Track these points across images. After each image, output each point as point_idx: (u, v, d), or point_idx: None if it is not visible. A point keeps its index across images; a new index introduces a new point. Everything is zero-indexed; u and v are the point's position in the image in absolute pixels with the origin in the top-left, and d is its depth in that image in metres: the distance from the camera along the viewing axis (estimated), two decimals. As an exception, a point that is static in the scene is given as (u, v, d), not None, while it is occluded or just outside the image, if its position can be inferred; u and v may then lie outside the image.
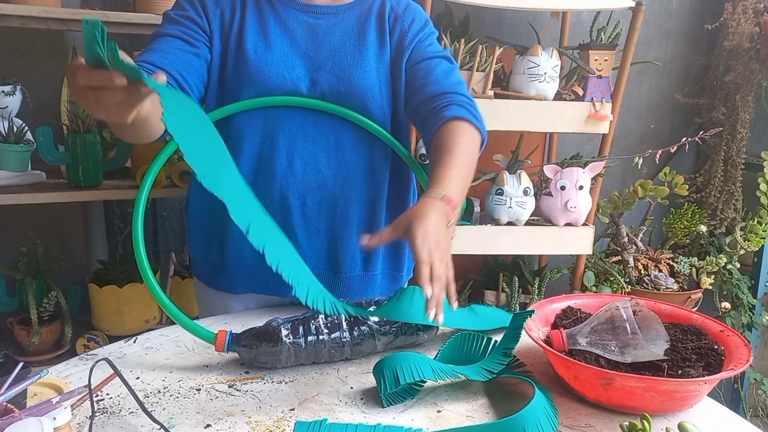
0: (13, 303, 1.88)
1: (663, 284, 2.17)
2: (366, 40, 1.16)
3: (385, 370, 0.88)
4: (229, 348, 0.96)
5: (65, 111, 1.84)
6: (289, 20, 1.15)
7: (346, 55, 1.15)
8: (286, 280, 0.83)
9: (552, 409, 0.82)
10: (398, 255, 1.26)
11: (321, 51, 1.15)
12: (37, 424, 0.66)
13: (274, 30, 1.14)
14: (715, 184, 2.44)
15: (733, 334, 0.92)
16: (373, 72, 1.16)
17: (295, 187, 1.15)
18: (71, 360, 0.98)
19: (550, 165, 1.92)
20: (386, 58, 1.18)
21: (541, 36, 1.99)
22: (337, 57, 1.15)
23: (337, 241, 1.19)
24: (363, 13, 1.19)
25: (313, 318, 0.98)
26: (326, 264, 1.20)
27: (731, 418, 0.88)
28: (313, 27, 1.16)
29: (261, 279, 1.19)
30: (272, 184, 1.15)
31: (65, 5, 1.73)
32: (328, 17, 1.17)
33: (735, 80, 2.34)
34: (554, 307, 1.03)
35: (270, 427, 0.81)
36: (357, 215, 1.18)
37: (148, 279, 0.99)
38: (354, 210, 1.18)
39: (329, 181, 1.16)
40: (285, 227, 1.16)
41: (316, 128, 1.15)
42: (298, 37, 1.15)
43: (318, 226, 1.18)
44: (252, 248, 1.17)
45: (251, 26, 1.13)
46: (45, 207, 1.81)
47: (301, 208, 1.16)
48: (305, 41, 1.15)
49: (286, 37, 1.14)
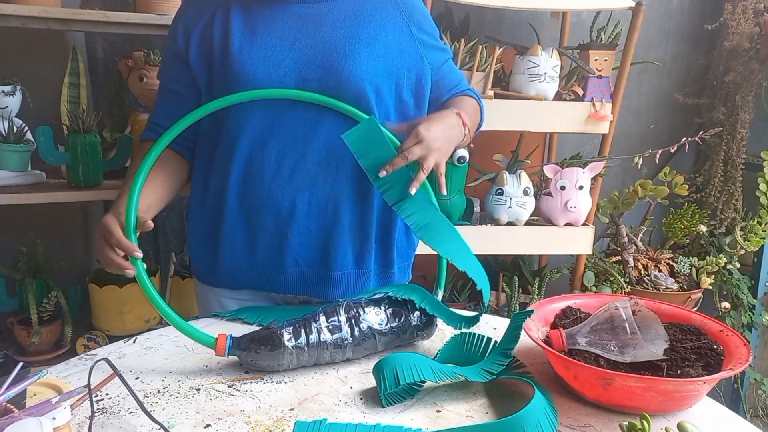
0: (13, 303, 1.88)
1: (663, 284, 2.17)
2: (359, 32, 1.14)
3: (385, 370, 0.88)
4: (230, 352, 0.95)
5: (65, 111, 1.84)
6: (276, 15, 1.13)
7: (336, 47, 1.12)
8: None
9: (552, 410, 0.82)
10: (388, 253, 1.25)
11: (310, 43, 1.12)
12: (36, 424, 0.66)
13: (260, 27, 1.13)
14: (715, 184, 2.44)
15: (733, 334, 0.92)
16: (365, 64, 1.12)
17: (284, 188, 1.15)
18: (71, 360, 0.98)
19: (550, 165, 1.92)
20: (388, 54, 1.15)
21: (541, 36, 1.99)
22: (327, 48, 1.12)
23: (328, 241, 1.18)
24: (358, 4, 1.16)
25: (314, 319, 0.97)
26: (319, 263, 1.20)
27: (731, 418, 0.88)
28: (303, 17, 1.13)
29: (255, 277, 1.20)
30: (262, 186, 1.15)
31: (65, 5, 1.72)
32: (317, 6, 1.14)
33: (735, 80, 2.34)
34: (554, 307, 1.03)
35: (270, 427, 0.81)
36: (348, 214, 1.18)
37: (147, 290, 1.00)
38: (345, 209, 1.18)
39: (319, 181, 1.15)
40: (276, 228, 1.17)
41: (306, 128, 1.13)
42: (285, 31, 1.12)
43: (309, 226, 1.17)
44: (245, 247, 1.20)
45: (237, 29, 1.13)
46: (45, 207, 1.81)
47: (291, 209, 1.16)
48: (293, 34, 1.12)
49: (273, 32, 1.12)
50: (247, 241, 1.19)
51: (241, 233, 1.19)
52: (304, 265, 1.19)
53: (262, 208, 1.16)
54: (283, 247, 1.17)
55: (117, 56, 2.03)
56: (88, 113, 1.73)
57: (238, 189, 1.16)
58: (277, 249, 1.18)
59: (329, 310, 0.99)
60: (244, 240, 1.19)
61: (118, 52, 2.05)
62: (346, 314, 0.99)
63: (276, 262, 1.18)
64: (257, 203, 1.16)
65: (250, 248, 1.19)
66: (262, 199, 1.15)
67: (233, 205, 1.17)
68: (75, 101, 1.87)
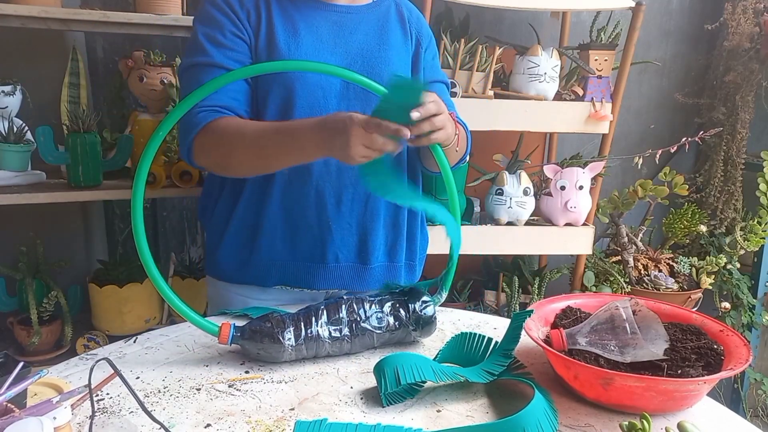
0: (13, 303, 1.88)
1: (663, 284, 2.17)
2: (389, 40, 1.20)
3: (386, 370, 0.88)
4: (233, 341, 0.96)
5: (65, 111, 1.84)
6: (314, 18, 1.16)
7: (372, 53, 1.17)
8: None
9: (552, 410, 0.82)
10: (413, 248, 1.31)
11: (349, 49, 1.16)
12: (37, 423, 0.66)
13: (302, 27, 1.14)
14: (715, 184, 2.44)
15: (733, 334, 0.92)
16: (398, 70, 1.20)
17: (331, 184, 1.17)
18: (71, 360, 0.98)
19: (550, 165, 1.93)
20: (407, 61, 1.23)
21: (541, 36, 1.99)
22: (365, 54, 1.17)
23: (366, 235, 1.22)
24: (381, 14, 1.22)
25: (315, 311, 0.99)
26: (356, 257, 1.23)
27: (731, 418, 0.88)
28: (338, 24, 1.17)
29: (292, 272, 1.22)
30: (308, 182, 1.16)
31: (65, 5, 1.72)
32: (348, 15, 1.18)
33: (735, 80, 2.34)
34: (554, 307, 1.03)
35: (270, 426, 0.81)
36: (384, 209, 1.23)
37: (150, 269, 0.96)
38: (381, 204, 1.22)
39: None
40: (320, 223, 1.19)
41: None
42: (325, 35, 1.16)
43: (350, 222, 1.21)
44: (284, 242, 1.20)
45: (279, 24, 1.14)
46: (45, 207, 1.81)
47: (336, 205, 1.19)
48: (332, 38, 1.16)
49: (314, 34, 1.15)
50: (287, 237, 1.20)
51: (281, 228, 1.20)
52: (344, 260, 1.22)
53: (307, 204, 1.18)
54: (326, 242, 1.19)
55: (117, 56, 2.03)
56: (88, 113, 1.73)
57: (283, 185, 1.17)
58: (320, 244, 1.20)
59: (331, 304, 1.01)
60: (284, 235, 1.20)
61: (118, 52, 2.05)
62: (348, 309, 1.00)
63: (317, 257, 1.21)
64: (302, 199, 1.17)
65: (290, 243, 1.20)
66: (308, 195, 1.17)
67: (275, 200, 1.18)
68: (75, 101, 1.87)
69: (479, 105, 1.83)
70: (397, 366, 0.87)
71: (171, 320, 2.02)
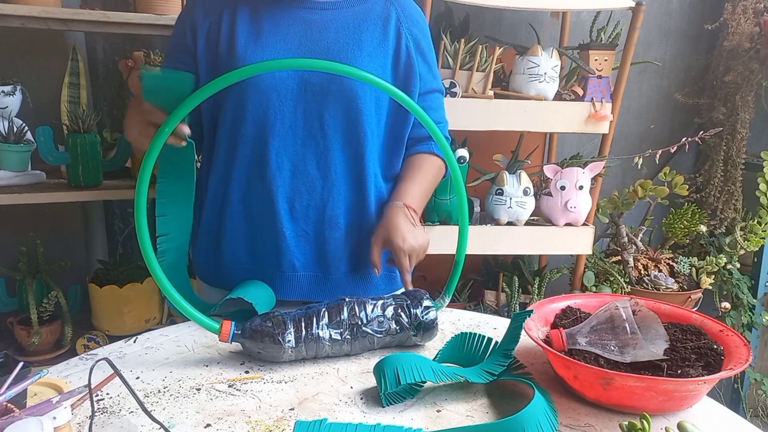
0: (13, 303, 1.88)
1: (663, 284, 2.17)
2: (362, 40, 1.15)
3: (386, 370, 0.88)
4: (234, 338, 0.96)
5: (65, 111, 1.84)
6: (282, 18, 1.15)
7: (339, 54, 1.14)
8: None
9: (552, 410, 0.82)
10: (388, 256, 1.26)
11: (314, 48, 1.14)
12: (37, 423, 0.66)
13: (266, 29, 1.13)
14: (715, 184, 2.44)
15: (733, 334, 0.92)
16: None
17: (284, 190, 1.15)
18: (71, 360, 0.98)
19: (550, 165, 1.92)
20: (386, 65, 1.17)
21: (541, 36, 1.99)
22: (330, 54, 1.13)
23: (325, 244, 1.19)
24: (361, 12, 1.18)
25: (316, 312, 0.99)
26: (316, 266, 1.21)
27: (731, 418, 0.88)
28: (308, 22, 1.15)
29: (255, 278, 1.20)
30: (262, 186, 1.15)
31: (65, 5, 1.73)
32: (323, 12, 1.16)
33: (735, 80, 2.34)
34: (554, 307, 1.03)
35: (270, 426, 0.81)
36: (344, 218, 1.19)
37: (152, 267, 0.96)
38: (341, 213, 1.19)
39: (318, 185, 1.16)
40: (274, 230, 1.17)
41: (306, 131, 1.14)
42: (290, 35, 1.14)
43: (306, 229, 1.18)
44: (245, 246, 1.19)
45: (243, 29, 1.13)
46: (45, 207, 1.81)
47: (290, 211, 1.16)
48: (298, 38, 1.14)
49: (278, 35, 1.14)
50: (248, 241, 1.19)
51: (242, 232, 1.19)
52: (301, 268, 1.20)
53: (263, 208, 1.16)
54: (281, 250, 1.17)
55: (117, 56, 2.03)
56: (88, 113, 1.73)
57: (242, 187, 1.17)
58: (275, 251, 1.18)
59: (333, 306, 1.01)
60: (245, 239, 1.19)
61: (118, 52, 2.05)
62: (349, 311, 1.00)
63: (273, 264, 1.19)
64: (259, 202, 1.16)
65: (251, 248, 1.20)
66: (263, 199, 1.16)
67: (235, 202, 1.18)
68: (75, 101, 1.88)
69: (479, 105, 1.83)
70: (396, 366, 0.87)
71: (171, 320, 2.02)
